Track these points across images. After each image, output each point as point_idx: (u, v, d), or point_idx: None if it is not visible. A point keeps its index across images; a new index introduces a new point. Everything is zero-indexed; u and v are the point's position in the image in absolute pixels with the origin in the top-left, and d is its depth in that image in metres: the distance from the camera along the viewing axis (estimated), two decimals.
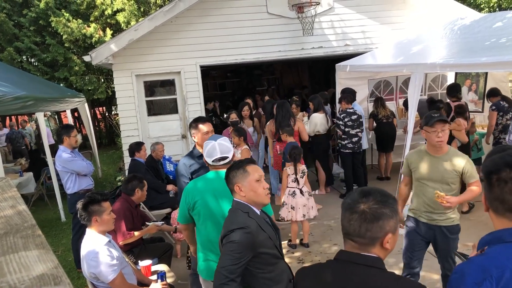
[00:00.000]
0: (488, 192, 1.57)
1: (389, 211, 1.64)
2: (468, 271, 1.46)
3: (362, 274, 1.62)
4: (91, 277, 3.22)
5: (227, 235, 2.37)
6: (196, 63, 8.18)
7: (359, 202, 1.66)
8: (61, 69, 13.61)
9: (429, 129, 3.46)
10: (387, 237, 1.64)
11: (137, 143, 6.60)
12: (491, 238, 1.56)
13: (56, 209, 7.89)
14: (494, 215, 1.58)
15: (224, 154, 3.05)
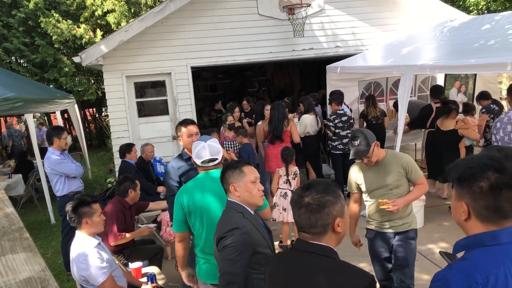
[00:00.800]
0: (473, 201, 1.48)
1: (331, 197, 1.78)
2: (452, 278, 1.42)
3: (313, 262, 1.76)
4: (81, 280, 3.19)
5: (223, 237, 2.35)
6: (187, 64, 8.16)
7: (303, 196, 1.79)
8: (51, 70, 13.51)
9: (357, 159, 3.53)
10: (336, 221, 1.77)
11: (127, 144, 6.57)
12: (469, 242, 1.51)
13: (45, 212, 7.83)
14: (478, 223, 1.49)
15: (214, 156, 3.04)
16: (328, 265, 1.75)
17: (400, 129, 6.19)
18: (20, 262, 0.89)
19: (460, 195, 1.53)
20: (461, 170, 1.51)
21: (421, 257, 5.09)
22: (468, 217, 1.51)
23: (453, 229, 5.74)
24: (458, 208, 1.54)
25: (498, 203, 1.44)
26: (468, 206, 1.50)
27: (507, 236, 1.45)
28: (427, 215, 6.04)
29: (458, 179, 1.52)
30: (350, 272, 1.75)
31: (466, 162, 1.52)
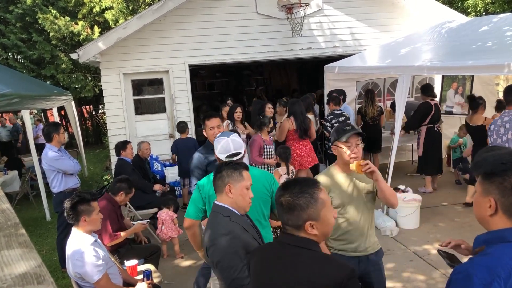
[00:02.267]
0: (503, 197, 1.48)
1: (303, 202, 1.80)
2: (474, 271, 1.43)
3: (294, 254, 1.82)
4: (76, 277, 3.19)
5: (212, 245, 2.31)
6: (184, 62, 8.15)
7: (280, 195, 1.87)
8: (48, 67, 13.46)
9: (342, 144, 2.96)
10: (306, 224, 1.80)
11: (123, 142, 6.55)
12: (490, 237, 1.53)
13: (41, 208, 7.80)
14: (504, 219, 1.50)
15: (238, 150, 3.08)
16: (308, 257, 1.80)
17: (397, 129, 6.20)
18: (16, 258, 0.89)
19: (488, 190, 1.52)
20: (493, 165, 1.51)
21: (417, 258, 5.10)
22: (494, 213, 1.51)
23: (448, 229, 5.76)
24: (484, 204, 1.54)
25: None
26: (496, 201, 1.50)
27: None
28: (422, 216, 6.05)
29: (489, 174, 1.52)
30: (330, 264, 1.79)
31: (498, 158, 1.51)
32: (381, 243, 5.44)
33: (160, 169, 7.30)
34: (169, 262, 5.46)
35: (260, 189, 2.60)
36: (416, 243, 5.47)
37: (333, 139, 3.03)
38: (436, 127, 7.24)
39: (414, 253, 5.23)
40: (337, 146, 2.99)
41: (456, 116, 8.59)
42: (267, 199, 2.98)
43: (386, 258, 5.02)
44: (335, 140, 3.01)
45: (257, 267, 1.98)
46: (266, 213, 2.99)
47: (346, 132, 2.95)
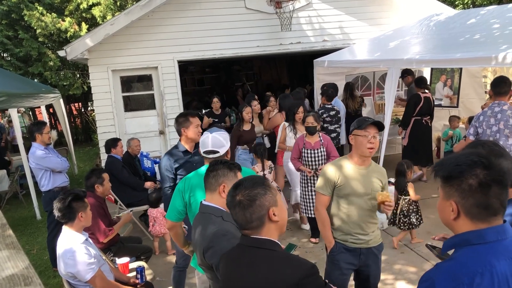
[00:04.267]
0: (463, 199, 1.47)
1: (260, 189, 1.85)
2: (438, 279, 1.43)
3: (254, 255, 1.83)
4: (68, 276, 3.17)
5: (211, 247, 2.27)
6: (173, 58, 8.10)
7: (234, 195, 1.88)
8: (35, 64, 13.30)
9: (360, 132, 2.99)
10: (270, 211, 1.84)
11: (113, 139, 6.50)
12: (457, 241, 1.51)
13: (31, 208, 7.74)
14: (467, 221, 1.48)
15: (215, 148, 3.01)
16: (267, 257, 1.80)
17: (387, 122, 6.22)
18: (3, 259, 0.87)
19: (448, 194, 1.51)
20: (449, 168, 1.50)
21: (408, 250, 5.14)
22: (457, 216, 1.50)
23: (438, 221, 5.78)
24: (446, 208, 1.53)
25: (487, 200, 1.44)
26: (457, 204, 1.49)
27: (494, 235, 1.45)
28: None
29: (447, 177, 1.51)
30: (289, 262, 1.79)
31: (453, 160, 1.50)
32: None
33: (151, 166, 7.26)
34: (161, 258, 5.45)
35: None
36: (407, 236, 5.51)
37: (352, 129, 3.08)
38: (424, 119, 7.28)
39: (405, 245, 5.27)
40: (356, 135, 3.03)
41: (445, 108, 8.65)
42: None
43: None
44: (354, 129, 3.06)
45: (223, 271, 2.00)
46: None
47: (366, 122, 3.00)
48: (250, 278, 1.79)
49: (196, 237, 2.42)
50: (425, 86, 7.45)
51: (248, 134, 6.47)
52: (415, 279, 4.45)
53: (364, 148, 2.99)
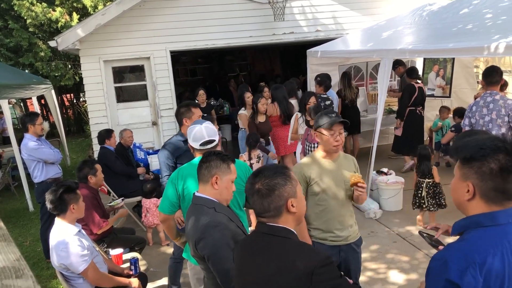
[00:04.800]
0: (482, 181, 1.50)
1: (280, 179, 1.82)
2: (451, 258, 1.45)
3: (269, 243, 1.81)
4: (61, 268, 3.16)
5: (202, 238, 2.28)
6: (166, 48, 8.05)
7: (253, 183, 1.85)
8: (26, 55, 13.15)
9: (326, 131, 2.95)
10: (289, 202, 1.81)
11: (107, 130, 6.47)
12: (468, 223, 1.55)
13: (23, 199, 7.70)
14: (482, 204, 1.52)
15: (211, 137, 3.00)
16: (283, 246, 1.79)
17: (379, 112, 6.23)
18: None
19: (466, 175, 1.53)
20: (473, 150, 1.51)
21: (400, 239, 5.18)
22: (472, 198, 1.53)
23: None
24: (462, 188, 1.55)
25: (505, 185, 1.48)
26: (474, 186, 1.51)
27: (505, 217, 1.49)
28: (405, 198, 6.13)
29: (468, 159, 1.53)
30: (304, 251, 1.78)
31: (477, 143, 1.52)
32: (365, 225, 5.55)
33: (144, 157, 7.23)
34: (155, 249, 5.46)
35: (236, 180, 2.58)
36: (399, 225, 5.56)
37: (316, 125, 3.02)
38: (418, 109, 7.32)
39: (397, 235, 5.31)
40: (320, 133, 2.99)
41: (438, 98, 8.67)
42: (243, 189, 2.95)
43: (370, 240, 5.11)
44: (318, 127, 2.99)
45: (237, 259, 1.98)
46: (241, 203, 2.99)
47: (331, 119, 2.94)
48: (264, 266, 1.78)
49: (189, 228, 2.42)
50: (416, 76, 7.51)
51: (263, 126, 6.35)
52: (408, 268, 4.50)
53: (330, 146, 2.98)
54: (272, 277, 1.74)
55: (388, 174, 6.33)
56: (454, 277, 1.41)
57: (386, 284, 4.25)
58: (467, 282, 1.40)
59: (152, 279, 4.57)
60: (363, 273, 4.03)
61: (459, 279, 1.40)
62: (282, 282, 1.72)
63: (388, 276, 4.39)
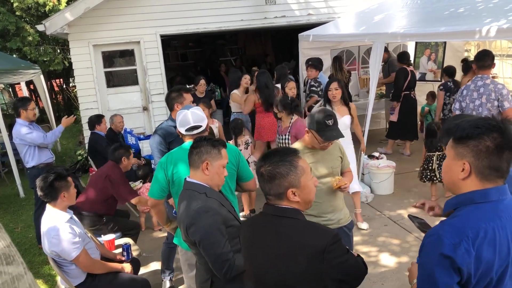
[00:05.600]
0: (478, 159, 1.53)
1: (284, 169, 1.82)
2: (444, 233, 1.50)
3: (277, 223, 1.84)
4: (53, 254, 3.15)
5: (193, 224, 2.28)
6: (156, 32, 7.95)
7: (260, 166, 1.89)
8: (14, 39, 12.93)
9: (319, 138, 2.99)
10: (288, 191, 1.82)
11: (97, 115, 6.42)
12: (460, 200, 1.59)
13: (14, 185, 7.65)
14: (476, 181, 1.55)
15: (197, 123, 3.00)
16: (292, 226, 1.82)
17: (371, 97, 6.24)
18: None
19: (461, 154, 1.56)
20: (468, 130, 1.55)
21: (391, 223, 5.23)
22: (467, 176, 1.56)
23: (421, 194, 5.90)
24: (456, 167, 1.59)
25: (500, 163, 1.53)
26: (470, 164, 1.55)
27: (497, 194, 1.54)
28: (396, 181, 6.18)
29: (464, 137, 1.56)
30: (312, 231, 1.82)
31: (471, 123, 1.56)
32: None
33: (135, 142, 7.20)
34: (148, 234, 5.47)
35: (227, 165, 2.57)
36: (391, 208, 5.60)
37: (312, 127, 3.01)
38: (412, 93, 7.37)
39: (388, 218, 5.36)
40: (313, 136, 3.01)
41: (429, 82, 8.70)
42: (233, 173, 2.96)
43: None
44: (313, 130, 3.00)
45: (245, 240, 2.00)
46: (232, 187, 2.99)
47: (328, 132, 2.97)
48: (275, 247, 1.81)
49: (180, 214, 2.42)
50: (407, 61, 7.51)
51: None
52: (399, 251, 4.55)
53: (318, 146, 3.04)
54: (284, 257, 1.78)
55: (380, 158, 6.36)
56: (447, 250, 1.46)
57: (377, 267, 4.29)
58: (460, 255, 1.45)
59: (144, 264, 4.58)
60: None
61: (453, 252, 1.45)
62: (294, 262, 1.75)
63: (379, 259, 4.44)
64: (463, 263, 1.45)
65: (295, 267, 1.75)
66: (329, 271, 1.73)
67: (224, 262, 2.26)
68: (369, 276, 4.11)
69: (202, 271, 2.48)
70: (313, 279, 1.74)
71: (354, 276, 1.85)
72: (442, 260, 1.47)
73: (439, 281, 1.48)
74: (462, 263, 1.45)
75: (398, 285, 3.93)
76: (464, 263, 1.45)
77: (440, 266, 1.48)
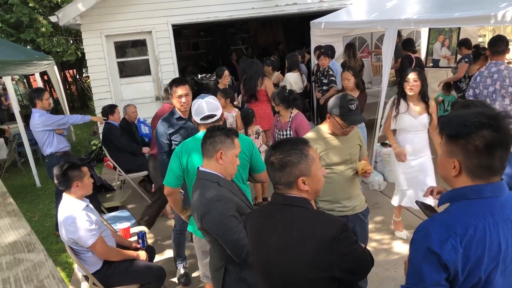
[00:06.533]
0: (467, 159, 1.48)
1: (295, 157, 1.83)
2: (433, 229, 1.48)
3: (286, 212, 1.85)
4: (70, 242, 3.22)
5: (207, 213, 2.31)
6: (167, 22, 7.96)
7: (270, 155, 1.88)
8: (27, 31, 13.04)
9: (341, 123, 2.93)
10: (299, 180, 1.82)
11: (110, 106, 6.47)
12: (454, 195, 1.56)
13: (30, 175, 7.78)
14: (468, 180, 1.51)
15: (212, 112, 3.03)
16: (301, 215, 1.82)
17: (384, 84, 6.19)
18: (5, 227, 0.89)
19: (452, 152, 1.52)
20: (457, 127, 1.49)
21: (404, 210, 5.20)
22: (458, 174, 1.52)
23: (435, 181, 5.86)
24: (448, 164, 1.55)
25: (491, 162, 1.46)
26: (460, 163, 1.51)
27: (491, 191, 1.49)
28: None
29: (453, 136, 1.51)
30: (322, 220, 1.82)
31: (461, 120, 1.49)
32: (369, 197, 5.57)
33: (148, 132, 7.24)
34: (162, 222, 5.53)
35: (240, 154, 2.60)
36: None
37: (334, 113, 2.96)
38: None
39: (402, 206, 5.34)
40: (335, 121, 2.96)
41: (443, 69, 8.59)
42: (246, 164, 2.98)
43: (374, 212, 5.15)
44: (336, 115, 2.95)
45: (252, 229, 2.00)
46: (244, 177, 3.02)
47: (352, 117, 2.91)
48: (284, 236, 1.81)
49: (194, 203, 2.45)
50: (412, 48, 7.41)
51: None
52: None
53: (340, 132, 3.00)
54: (293, 246, 1.78)
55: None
56: (434, 246, 1.44)
57: (390, 254, 4.30)
58: (447, 252, 1.43)
59: (159, 251, 4.65)
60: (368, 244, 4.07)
61: (439, 248, 1.43)
62: (303, 251, 1.75)
63: (392, 247, 4.45)
64: (450, 260, 1.43)
65: (304, 256, 1.75)
66: (339, 260, 1.72)
67: (243, 247, 2.28)
68: (382, 263, 4.13)
69: (216, 258, 2.52)
70: (322, 268, 1.74)
71: (362, 266, 1.85)
72: (430, 256, 1.45)
73: (426, 276, 1.46)
74: (449, 259, 1.43)
75: None
76: (450, 260, 1.43)
77: (428, 262, 1.45)
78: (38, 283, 0.71)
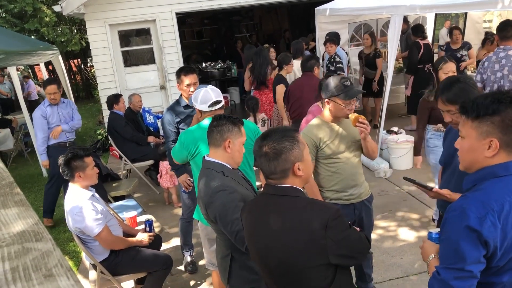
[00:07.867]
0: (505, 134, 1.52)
1: (288, 144, 1.84)
2: (469, 206, 1.49)
3: (279, 203, 1.87)
4: (77, 231, 3.24)
5: (212, 202, 2.33)
6: (171, 10, 7.92)
7: (261, 146, 1.88)
8: (31, 20, 13.03)
9: (341, 101, 2.90)
10: (295, 166, 1.84)
11: (115, 95, 6.47)
12: (482, 174, 1.58)
13: (37, 165, 7.82)
14: (504, 155, 1.54)
15: (218, 98, 3.07)
16: (293, 204, 1.84)
17: (389, 71, 6.14)
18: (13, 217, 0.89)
19: (487, 132, 1.54)
20: (492, 106, 1.52)
21: (410, 197, 5.22)
22: (495, 153, 1.54)
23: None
24: (482, 146, 1.56)
25: None
26: (498, 140, 1.53)
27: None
28: None
29: (488, 115, 1.53)
30: (315, 207, 1.83)
31: (491, 98, 1.53)
32: (375, 184, 5.58)
33: (153, 121, 7.26)
34: (169, 211, 5.57)
35: (246, 140, 2.60)
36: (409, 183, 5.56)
37: (330, 94, 2.93)
38: (427, 67, 7.20)
39: (407, 193, 5.35)
40: (336, 102, 2.93)
41: None
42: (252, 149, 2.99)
43: (380, 199, 5.15)
44: (333, 96, 2.92)
45: (246, 221, 2.01)
46: (251, 162, 3.06)
47: (349, 91, 2.89)
48: (276, 225, 1.83)
49: (199, 192, 2.47)
50: (422, 34, 7.34)
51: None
52: (417, 226, 4.55)
53: (342, 114, 2.95)
54: (286, 235, 1.79)
55: (398, 133, 6.31)
56: (474, 223, 1.46)
57: (396, 241, 4.31)
58: (486, 228, 1.45)
59: (166, 239, 4.68)
60: (374, 230, 4.08)
61: (479, 225, 1.45)
62: (297, 239, 1.77)
63: (398, 234, 4.45)
64: (490, 236, 1.45)
65: (298, 244, 1.77)
66: (332, 247, 1.74)
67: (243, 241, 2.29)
68: (388, 250, 4.14)
69: (222, 246, 2.53)
70: (316, 255, 1.75)
71: (357, 250, 1.86)
72: (469, 234, 1.46)
73: (467, 254, 1.47)
74: (489, 236, 1.45)
75: (416, 259, 3.94)
76: (490, 237, 1.45)
77: (467, 240, 1.47)
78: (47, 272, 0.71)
